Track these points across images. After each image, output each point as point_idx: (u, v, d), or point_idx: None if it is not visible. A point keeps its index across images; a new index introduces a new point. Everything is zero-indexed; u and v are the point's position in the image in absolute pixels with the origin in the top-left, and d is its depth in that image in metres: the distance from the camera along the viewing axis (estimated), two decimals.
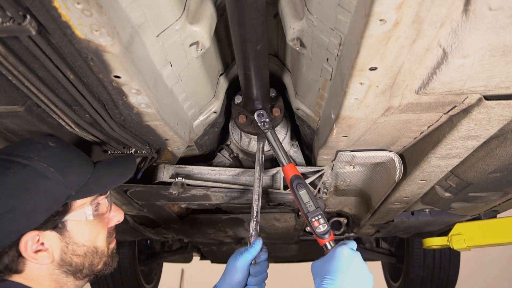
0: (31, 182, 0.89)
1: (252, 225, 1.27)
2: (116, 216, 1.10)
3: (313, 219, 1.16)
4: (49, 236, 0.92)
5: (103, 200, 1.05)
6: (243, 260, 1.18)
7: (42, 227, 0.90)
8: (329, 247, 1.13)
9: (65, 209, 0.93)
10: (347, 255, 1.03)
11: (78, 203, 0.96)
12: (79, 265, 0.97)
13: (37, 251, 0.90)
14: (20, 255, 0.89)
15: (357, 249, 1.08)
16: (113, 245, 1.09)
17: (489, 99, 0.85)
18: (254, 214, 1.28)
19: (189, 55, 0.99)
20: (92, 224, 0.99)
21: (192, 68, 1.05)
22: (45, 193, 0.90)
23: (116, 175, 1.05)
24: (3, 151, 0.95)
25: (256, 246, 1.20)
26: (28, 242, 0.88)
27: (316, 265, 1.09)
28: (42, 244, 0.91)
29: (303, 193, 1.19)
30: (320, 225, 1.15)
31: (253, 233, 1.25)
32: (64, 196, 0.92)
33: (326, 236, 1.14)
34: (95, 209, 1.00)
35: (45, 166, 0.91)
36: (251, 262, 1.19)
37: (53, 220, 0.91)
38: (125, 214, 1.98)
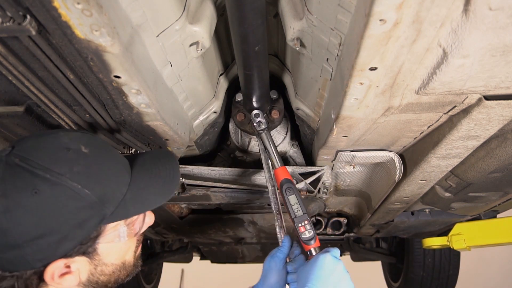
0: (61, 206, 0.74)
1: (277, 223, 1.28)
2: (148, 222, 0.96)
3: (300, 225, 1.17)
4: (78, 260, 0.81)
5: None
6: (276, 260, 1.16)
7: (73, 254, 0.78)
8: (314, 253, 1.14)
9: (98, 232, 0.81)
10: (329, 263, 1.02)
11: (112, 224, 0.83)
12: (105, 282, 0.88)
13: (62, 275, 0.79)
14: (43, 280, 0.78)
15: (340, 256, 1.07)
16: (139, 251, 0.97)
17: (489, 99, 0.85)
18: (276, 213, 1.29)
19: (189, 55, 0.99)
20: (124, 243, 0.88)
21: (192, 68, 1.05)
22: (77, 219, 0.75)
23: (158, 192, 0.89)
24: (23, 157, 0.74)
25: (286, 243, 1.19)
26: (55, 271, 0.77)
27: (300, 270, 1.08)
28: (68, 267, 0.80)
29: (292, 197, 1.19)
30: (306, 231, 1.16)
31: (279, 232, 1.26)
32: (98, 220, 0.79)
33: (312, 242, 1.15)
34: (129, 228, 0.88)
35: (79, 188, 0.74)
36: (286, 260, 1.18)
37: (85, 246, 0.80)
38: None
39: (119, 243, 0.86)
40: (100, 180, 0.79)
